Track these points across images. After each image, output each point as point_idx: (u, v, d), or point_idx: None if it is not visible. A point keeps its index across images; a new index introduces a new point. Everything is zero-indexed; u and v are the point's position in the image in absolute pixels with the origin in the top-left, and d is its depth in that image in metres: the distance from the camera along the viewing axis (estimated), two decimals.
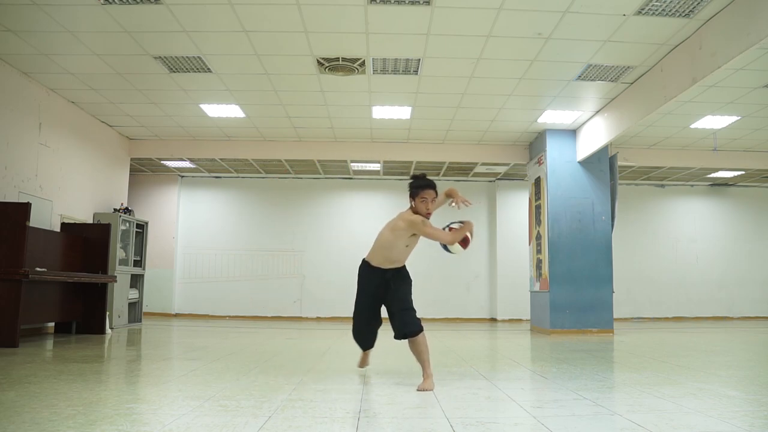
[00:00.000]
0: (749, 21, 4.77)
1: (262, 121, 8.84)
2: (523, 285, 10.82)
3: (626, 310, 11.96)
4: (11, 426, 2.50)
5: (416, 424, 2.70)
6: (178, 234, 12.11)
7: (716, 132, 8.85)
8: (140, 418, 2.74)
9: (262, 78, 7.00)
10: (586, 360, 5.26)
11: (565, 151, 8.99)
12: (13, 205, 6.09)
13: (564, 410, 3.03)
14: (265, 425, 2.61)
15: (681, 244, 12.53)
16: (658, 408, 3.07)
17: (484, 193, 12.39)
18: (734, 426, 2.67)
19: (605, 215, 8.88)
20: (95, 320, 7.54)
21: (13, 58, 6.48)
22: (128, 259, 9.02)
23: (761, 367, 5.00)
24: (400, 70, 6.70)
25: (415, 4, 5.15)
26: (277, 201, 12.31)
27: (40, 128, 7.35)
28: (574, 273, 8.66)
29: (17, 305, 5.77)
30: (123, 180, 9.78)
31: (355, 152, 10.10)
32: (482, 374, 4.33)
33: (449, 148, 10.00)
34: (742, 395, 3.51)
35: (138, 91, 7.53)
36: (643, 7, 5.12)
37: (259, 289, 11.97)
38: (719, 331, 9.39)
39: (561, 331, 8.47)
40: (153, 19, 5.44)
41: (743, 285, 12.47)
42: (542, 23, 5.48)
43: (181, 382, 3.83)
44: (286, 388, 3.61)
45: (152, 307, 11.55)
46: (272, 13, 5.34)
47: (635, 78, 6.85)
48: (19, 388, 3.42)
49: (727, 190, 12.73)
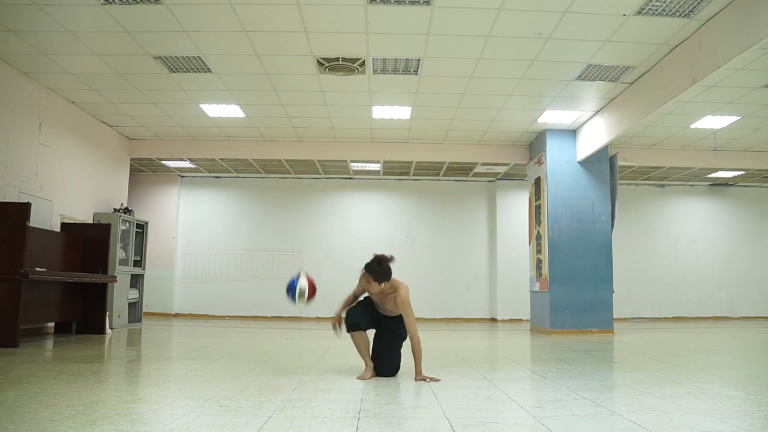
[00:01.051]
0: (749, 21, 4.77)
1: (262, 121, 8.84)
2: (523, 285, 10.82)
3: (626, 310, 11.96)
4: (11, 426, 2.50)
5: (416, 424, 2.69)
6: (178, 234, 12.11)
7: (716, 132, 8.84)
8: (140, 418, 2.74)
9: (262, 78, 7.00)
10: (586, 360, 5.26)
11: (565, 151, 8.99)
12: (13, 205, 6.09)
13: (564, 410, 3.03)
14: (265, 425, 2.61)
15: (681, 244, 12.53)
16: (658, 408, 3.07)
17: (484, 193, 12.40)
18: (734, 426, 2.67)
19: (605, 215, 8.88)
20: (95, 320, 7.54)
21: (13, 58, 6.48)
22: (128, 259, 9.02)
23: (761, 367, 5.00)
24: (400, 70, 6.70)
25: (415, 4, 5.15)
26: (277, 201, 12.32)
27: (40, 128, 7.35)
28: (574, 273, 8.66)
29: (17, 305, 5.77)
30: (123, 180, 9.78)
31: (355, 152, 10.10)
32: (482, 374, 4.33)
33: (449, 148, 10.00)
34: (742, 395, 3.51)
35: (138, 91, 7.53)
36: (643, 7, 5.12)
37: (259, 289, 11.97)
38: (719, 331, 9.39)
39: (561, 331, 8.48)
40: (153, 19, 5.44)
41: (743, 285, 12.47)
42: (542, 23, 5.48)
43: (181, 382, 3.83)
44: (286, 388, 3.61)
45: (152, 307, 11.55)
46: (272, 13, 5.34)
47: (635, 78, 6.85)
48: (19, 388, 3.42)
49: (727, 190, 12.73)
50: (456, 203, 12.34)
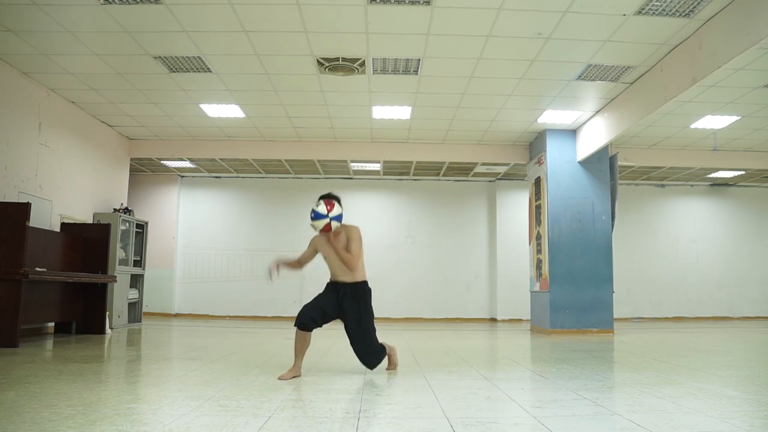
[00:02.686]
0: (749, 21, 4.77)
1: (262, 121, 8.84)
2: (523, 285, 10.82)
3: (626, 310, 11.96)
4: (11, 426, 2.50)
5: (416, 424, 2.69)
6: (178, 234, 12.11)
7: (716, 132, 8.84)
8: (140, 418, 2.74)
9: (262, 78, 7.00)
10: (586, 360, 5.26)
11: (565, 151, 8.99)
12: (13, 205, 6.09)
13: (564, 410, 3.03)
14: (265, 425, 2.61)
15: (681, 244, 12.53)
16: (658, 408, 3.07)
17: (484, 193, 12.40)
18: (734, 426, 2.67)
19: (605, 215, 8.88)
20: (95, 320, 7.54)
21: (13, 58, 6.48)
22: (128, 259, 9.02)
23: (761, 367, 5.00)
24: (400, 70, 6.70)
25: (415, 4, 5.15)
26: (277, 201, 12.31)
27: (40, 128, 7.35)
28: (574, 273, 8.66)
29: (17, 305, 5.77)
30: (123, 180, 9.78)
31: (355, 152, 10.10)
32: (482, 374, 4.33)
33: (449, 148, 10.00)
34: (742, 395, 3.51)
35: (138, 91, 7.53)
36: (643, 7, 5.12)
37: (259, 289, 11.96)
38: (719, 331, 9.39)
39: (561, 331, 8.47)
40: (153, 19, 5.44)
41: (743, 285, 12.47)
42: (542, 23, 5.48)
43: (181, 382, 3.83)
44: (286, 388, 3.61)
45: (152, 307, 11.54)
46: (272, 13, 5.34)
47: (635, 78, 6.85)
48: (19, 388, 3.42)
49: (727, 190, 12.73)
50: (456, 203, 12.33)
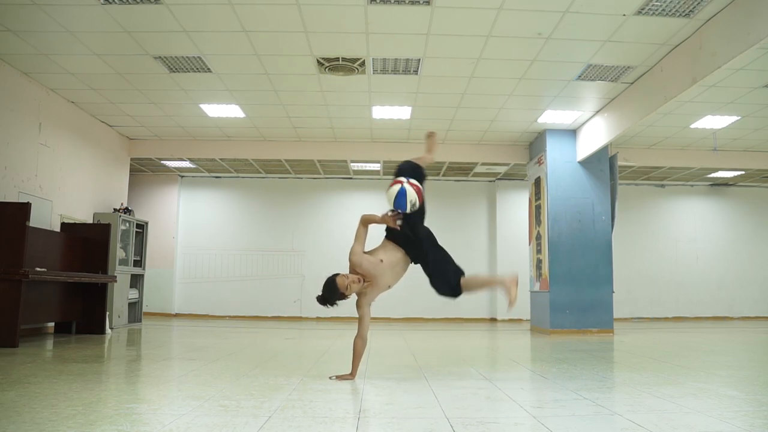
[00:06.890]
0: (749, 21, 4.77)
1: (262, 121, 8.83)
2: (523, 285, 10.80)
3: (626, 310, 11.95)
4: (11, 426, 2.50)
5: (416, 424, 2.69)
6: (178, 234, 12.10)
7: (716, 132, 8.84)
8: (140, 418, 2.74)
9: (262, 78, 7.00)
10: (586, 360, 5.26)
11: (565, 151, 8.99)
12: (13, 205, 6.09)
13: (564, 410, 3.03)
14: (265, 425, 2.61)
15: (681, 244, 12.52)
16: (658, 408, 3.07)
17: (484, 193, 12.40)
18: (734, 426, 2.67)
19: (605, 215, 8.88)
20: (95, 320, 7.54)
21: (13, 58, 6.48)
22: (128, 259, 9.02)
23: (761, 367, 5.00)
24: (400, 70, 6.70)
25: (415, 4, 5.15)
26: (277, 201, 12.31)
27: (40, 128, 7.35)
28: (574, 273, 8.66)
29: (17, 305, 5.77)
30: (123, 180, 9.77)
31: (355, 152, 10.10)
32: (482, 374, 4.33)
33: (449, 148, 9.99)
34: (742, 395, 3.51)
35: (138, 91, 7.53)
36: (643, 7, 5.12)
37: (259, 289, 11.96)
38: (719, 331, 9.39)
39: (561, 331, 8.47)
40: (153, 19, 5.44)
41: (743, 285, 12.46)
42: (542, 23, 5.48)
43: (181, 382, 3.83)
44: (286, 388, 3.61)
45: (152, 307, 11.54)
46: (272, 13, 5.34)
47: (635, 78, 6.85)
48: (19, 388, 3.42)
49: (727, 190, 12.73)
50: (456, 203, 12.33)
